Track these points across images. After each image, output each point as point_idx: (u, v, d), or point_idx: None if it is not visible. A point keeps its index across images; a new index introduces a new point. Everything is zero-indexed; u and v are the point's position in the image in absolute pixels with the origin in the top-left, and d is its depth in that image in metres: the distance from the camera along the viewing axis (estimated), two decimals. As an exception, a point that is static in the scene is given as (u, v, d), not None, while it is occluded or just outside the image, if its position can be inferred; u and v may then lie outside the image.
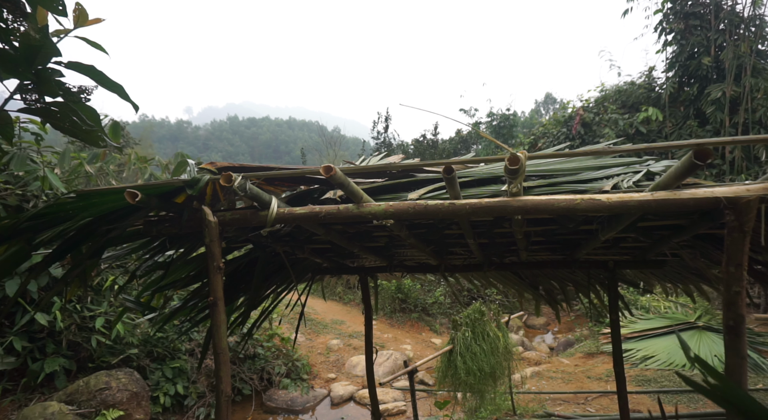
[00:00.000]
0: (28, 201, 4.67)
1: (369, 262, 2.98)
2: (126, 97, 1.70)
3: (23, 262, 1.47)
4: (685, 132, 11.78)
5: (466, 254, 2.67)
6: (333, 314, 11.22)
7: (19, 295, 4.46)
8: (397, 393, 7.14)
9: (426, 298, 12.06)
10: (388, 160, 2.47)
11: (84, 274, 1.74)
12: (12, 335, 4.76)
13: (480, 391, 4.86)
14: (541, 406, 6.02)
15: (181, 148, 53.03)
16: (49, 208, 1.39)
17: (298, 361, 7.69)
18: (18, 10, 1.46)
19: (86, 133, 1.75)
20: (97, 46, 1.76)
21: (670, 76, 12.63)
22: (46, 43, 1.48)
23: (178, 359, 6.19)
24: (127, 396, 5.03)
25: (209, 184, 1.46)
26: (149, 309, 2.36)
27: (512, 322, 10.43)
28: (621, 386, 2.79)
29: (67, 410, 4.54)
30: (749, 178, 4.94)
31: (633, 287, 4.94)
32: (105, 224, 1.51)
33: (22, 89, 1.62)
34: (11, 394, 4.88)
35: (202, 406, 6.07)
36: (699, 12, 11.89)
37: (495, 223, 2.01)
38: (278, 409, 6.79)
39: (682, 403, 5.76)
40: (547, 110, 42.21)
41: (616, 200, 1.19)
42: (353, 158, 9.59)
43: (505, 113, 21.38)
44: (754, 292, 9.51)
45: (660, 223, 1.75)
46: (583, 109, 13.37)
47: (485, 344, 4.91)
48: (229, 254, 2.30)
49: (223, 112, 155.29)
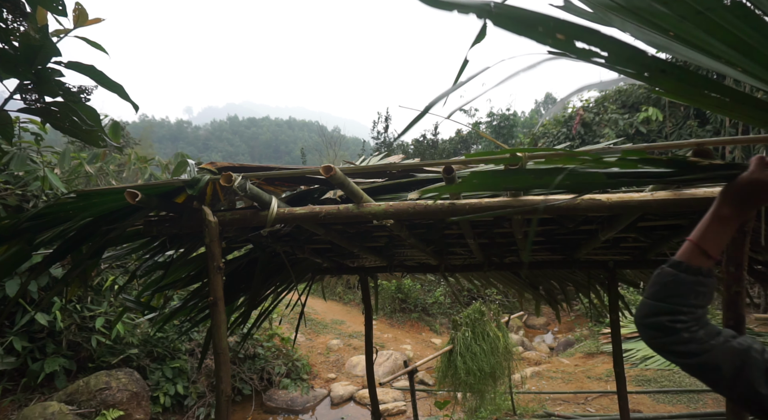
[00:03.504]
0: (28, 201, 4.67)
1: (369, 262, 2.98)
2: (126, 97, 1.70)
3: (23, 262, 1.47)
4: (685, 132, 11.78)
5: (466, 254, 2.67)
6: (333, 314, 11.22)
7: (20, 295, 4.47)
8: (397, 393, 7.14)
9: (426, 298, 12.06)
10: (388, 160, 2.47)
11: (84, 274, 1.74)
12: (12, 335, 4.76)
13: (480, 391, 4.86)
14: (541, 406, 6.02)
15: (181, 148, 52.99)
16: (49, 208, 1.39)
17: (298, 361, 7.69)
18: (18, 10, 1.46)
19: (86, 133, 1.75)
20: (97, 46, 1.76)
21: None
22: (46, 43, 1.48)
23: (178, 359, 6.19)
24: (127, 396, 5.03)
25: (209, 184, 1.46)
26: (149, 309, 2.36)
27: (512, 322, 10.43)
28: (621, 386, 2.78)
29: (67, 410, 4.54)
30: (749, 178, 4.93)
31: (633, 287, 4.94)
32: (105, 224, 1.51)
33: (22, 89, 1.62)
34: (11, 394, 4.88)
35: (202, 406, 6.07)
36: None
37: (495, 223, 2.01)
38: (278, 409, 6.79)
39: (681, 403, 5.76)
40: (547, 110, 42.19)
41: (616, 200, 1.19)
42: (353, 158, 9.59)
43: (505, 113, 21.37)
44: (754, 292, 9.52)
45: (660, 223, 1.75)
46: (583, 109, 13.38)
47: (485, 344, 4.91)
48: (229, 254, 2.30)
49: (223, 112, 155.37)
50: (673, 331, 0.82)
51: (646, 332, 0.86)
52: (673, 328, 0.82)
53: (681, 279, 0.83)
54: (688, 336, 0.81)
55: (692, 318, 0.82)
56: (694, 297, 0.83)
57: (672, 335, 0.82)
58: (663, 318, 0.83)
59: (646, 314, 0.85)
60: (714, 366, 0.79)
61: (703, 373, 0.81)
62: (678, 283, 0.83)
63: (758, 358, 0.78)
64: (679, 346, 0.81)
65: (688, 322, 0.82)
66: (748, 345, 0.80)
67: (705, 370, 0.80)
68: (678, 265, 0.85)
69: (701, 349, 0.80)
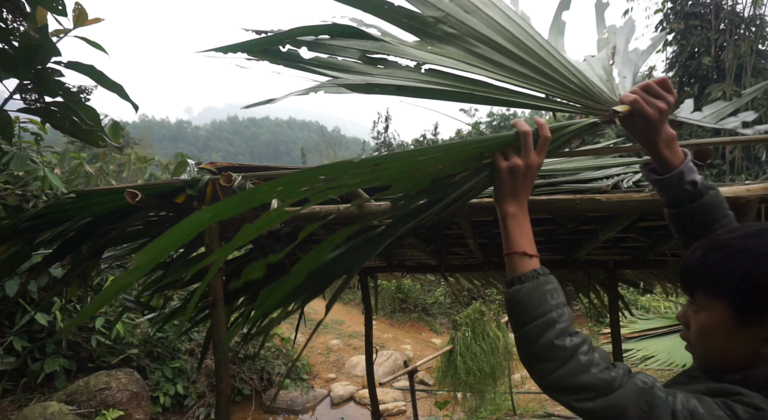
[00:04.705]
0: (28, 201, 4.67)
1: (369, 262, 2.98)
2: (126, 96, 1.70)
3: (23, 262, 1.47)
4: (685, 132, 11.78)
5: (466, 254, 2.67)
6: (333, 314, 11.22)
7: (20, 295, 4.47)
8: (397, 393, 7.14)
9: (426, 298, 12.06)
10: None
11: (84, 274, 1.74)
12: (12, 335, 4.76)
13: (480, 391, 4.86)
14: (541, 406, 6.03)
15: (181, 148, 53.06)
16: (49, 208, 1.39)
17: (298, 361, 7.70)
18: (18, 9, 1.46)
19: (86, 133, 1.75)
20: (96, 45, 1.76)
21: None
22: (46, 42, 1.48)
23: (178, 359, 6.19)
24: (127, 396, 5.03)
25: (209, 184, 1.46)
26: (149, 309, 2.36)
27: (512, 322, 10.41)
28: (621, 386, 2.78)
29: (67, 410, 4.54)
30: (750, 178, 4.94)
31: (633, 287, 4.95)
32: (105, 224, 1.51)
33: (21, 89, 1.62)
34: (11, 394, 4.88)
35: (202, 406, 6.07)
36: (699, 12, 11.89)
37: (495, 223, 2.01)
38: (278, 409, 6.79)
39: (682, 403, 5.75)
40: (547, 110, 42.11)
41: (616, 200, 1.19)
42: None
43: (505, 113, 21.37)
44: (754, 292, 9.50)
45: (660, 223, 1.75)
46: (583, 109, 13.37)
47: (485, 344, 4.91)
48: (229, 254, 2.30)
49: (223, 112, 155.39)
50: (565, 352, 0.71)
51: (540, 367, 0.73)
52: (563, 348, 0.71)
53: (527, 289, 0.77)
54: (585, 360, 0.70)
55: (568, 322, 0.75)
56: (550, 297, 0.76)
57: (568, 362, 0.70)
58: (546, 336, 0.72)
59: (527, 345, 0.75)
60: (621, 410, 0.66)
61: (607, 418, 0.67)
62: (527, 294, 0.77)
63: (664, 399, 0.66)
64: (579, 377, 0.69)
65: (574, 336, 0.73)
66: (652, 383, 0.69)
67: (609, 415, 0.67)
68: (518, 281, 0.79)
69: (603, 382, 0.68)
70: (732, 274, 0.69)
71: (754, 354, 0.69)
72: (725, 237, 0.73)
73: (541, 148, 0.84)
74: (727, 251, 0.70)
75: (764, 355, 0.68)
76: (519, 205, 0.86)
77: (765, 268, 0.66)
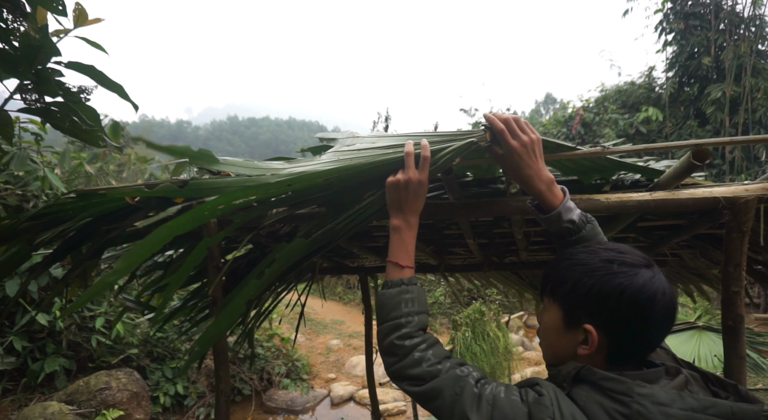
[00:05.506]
0: (28, 201, 4.67)
1: (369, 262, 2.98)
2: (126, 96, 1.70)
3: (23, 262, 1.47)
4: (685, 132, 11.79)
5: (466, 254, 2.67)
6: (333, 314, 11.22)
7: (20, 295, 4.47)
8: (397, 393, 7.14)
9: (426, 298, 12.05)
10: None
11: (84, 274, 1.74)
12: (12, 335, 4.76)
13: (480, 391, 4.86)
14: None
15: (181, 148, 52.76)
16: (49, 208, 1.39)
17: (298, 361, 7.70)
18: (18, 9, 1.46)
19: (86, 133, 1.75)
20: (97, 45, 1.76)
21: (670, 76, 12.64)
22: (46, 43, 1.48)
23: (178, 359, 6.20)
24: (127, 396, 5.03)
25: (209, 184, 1.45)
26: (149, 309, 2.37)
27: (512, 322, 10.43)
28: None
29: (67, 410, 4.54)
30: (749, 178, 4.95)
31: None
32: (105, 224, 1.51)
33: (21, 89, 1.62)
34: (11, 394, 4.88)
35: (202, 406, 6.07)
36: (699, 12, 11.90)
37: (495, 223, 2.01)
38: (278, 409, 6.79)
39: (682, 403, 5.75)
40: (547, 110, 42.23)
41: (615, 200, 1.20)
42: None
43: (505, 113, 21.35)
44: (754, 292, 9.52)
45: (659, 223, 1.75)
46: (583, 109, 13.38)
47: (485, 344, 4.91)
48: (229, 254, 2.30)
49: (223, 112, 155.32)
50: (404, 350, 0.85)
51: (386, 360, 0.89)
52: (402, 346, 0.86)
53: (389, 294, 0.91)
54: (418, 356, 0.84)
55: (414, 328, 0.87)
56: (404, 305, 0.90)
57: (405, 358, 0.85)
58: (391, 337, 0.87)
59: (379, 340, 0.90)
60: (437, 393, 0.80)
61: (429, 401, 0.81)
62: (388, 298, 0.91)
63: (473, 385, 0.78)
64: (412, 370, 0.84)
65: (414, 338, 0.86)
66: (468, 372, 0.81)
67: (430, 398, 0.81)
68: (384, 285, 0.94)
69: (429, 373, 0.82)
70: (566, 282, 0.80)
71: (573, 353, 0.80)
72: (575, 250, 0.84)
73: (422, 167, 0.96)
74: (570, 263, 0.81)
75: (580, 356, 0.79)
76: (404, 218, 0.97)
77: (589, 282, 0.76)
